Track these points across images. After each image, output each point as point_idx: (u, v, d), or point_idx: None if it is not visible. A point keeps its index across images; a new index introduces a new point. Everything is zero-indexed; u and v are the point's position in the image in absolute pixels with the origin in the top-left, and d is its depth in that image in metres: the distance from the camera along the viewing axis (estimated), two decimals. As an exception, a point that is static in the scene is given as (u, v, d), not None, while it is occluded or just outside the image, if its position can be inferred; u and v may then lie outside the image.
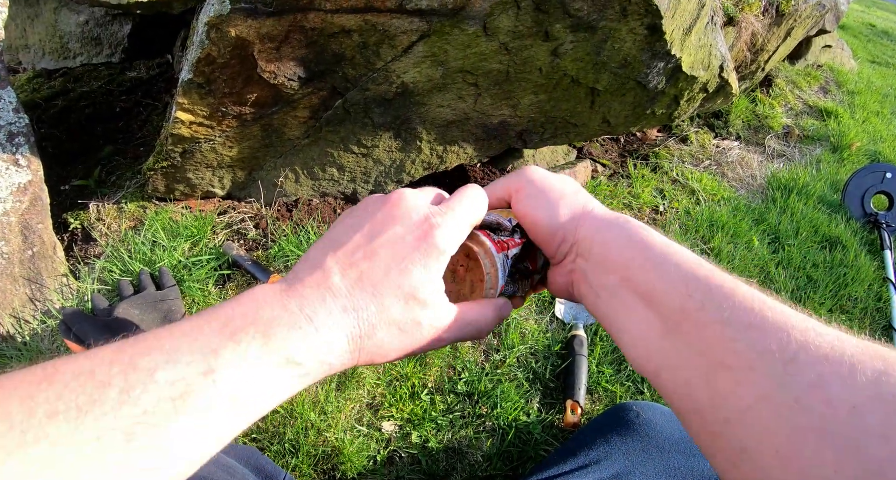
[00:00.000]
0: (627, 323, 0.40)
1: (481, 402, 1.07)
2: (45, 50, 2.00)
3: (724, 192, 1.84)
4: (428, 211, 0.38)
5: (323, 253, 0.37)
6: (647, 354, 0.38)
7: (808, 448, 0.28)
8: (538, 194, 0.45)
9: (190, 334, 0.30)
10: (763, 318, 0.33)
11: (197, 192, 1.29)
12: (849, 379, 0.29)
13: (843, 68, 3.38)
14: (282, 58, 1.01)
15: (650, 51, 1.22)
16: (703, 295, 0.35)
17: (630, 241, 0.40)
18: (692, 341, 0.35)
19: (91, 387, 0.27)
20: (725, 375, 0.33)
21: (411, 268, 0.36)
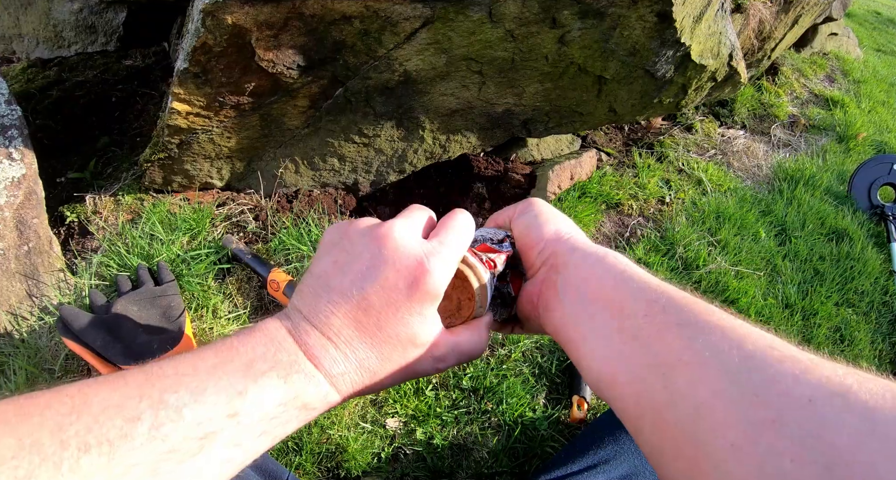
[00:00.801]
0: (590, 331, 0.41)
1: (487, 398, 1.05)
2: (39, 39, 1.97)
3: (730, 183, 1.81)
4: (419, 252, 0.38)
5: (317, 295, 0.38)
6: (606, 361, 0.39)
7: (764, 440, 0.28)
8: (536, 215, 0.49)
9: (214, 374, 0.32)
10: (720, 323, 0.34)
11: (195, 184, 1.26)
12: (807, 375, 0.29)
13: (849, 56, 3.34)
14: (280, 46, 0.98)
15: (659, 39, 1.19)
16: (667, 301, 0.37)
17: (602, 263, 0.43)
18: (651, 343, 0.36)
19: (121, 421, 0.28)
20: (683, 372, 0.33)
21: (408, 319, 0.37)
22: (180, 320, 1.00)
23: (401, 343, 0.38)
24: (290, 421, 0.34)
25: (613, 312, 0.40)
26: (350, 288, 0.37)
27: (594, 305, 0.41)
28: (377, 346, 0.37)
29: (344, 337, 0.36)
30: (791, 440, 0.27)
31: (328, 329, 0.36)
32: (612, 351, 0.39)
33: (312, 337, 0.36)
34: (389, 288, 0.37)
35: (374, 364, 0.37)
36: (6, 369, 0.99)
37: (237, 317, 1.10)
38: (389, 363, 0.38)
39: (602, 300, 0.41)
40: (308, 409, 0.35)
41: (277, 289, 1.07)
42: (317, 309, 0.37)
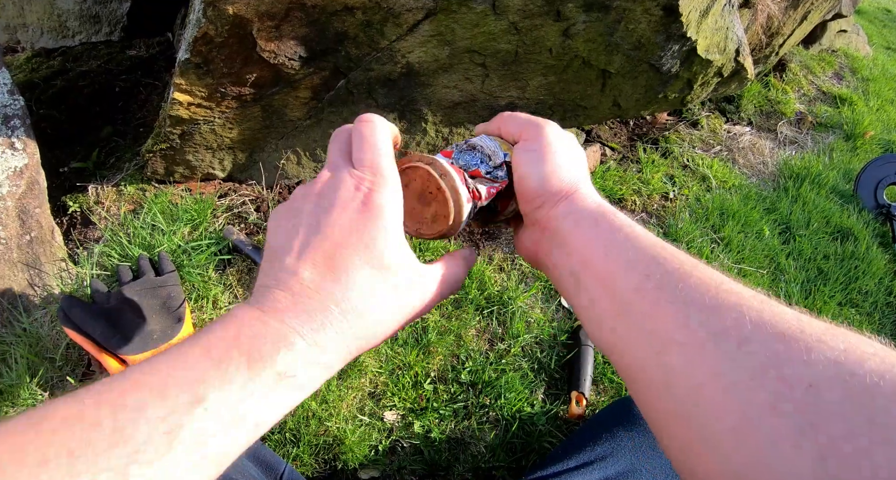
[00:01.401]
0: (583, 302, 0.40)
1: (485, 392, 1.05)
2: (44, 29, 1.97)
3: (735, 179, 1.80)
4: (350, 178, 0.37)
5: (279, 258, 0.35)
6: (601, 333, 0.39)
7: (764, 425, 0.28)
8: (541, 153, 0.44)
9: (175, 365, 0.29)
10: (717, 299, 0.32)
11: (197, 174, 1.26)
12: (806, 358, 0.28)
13: (858, 54, 3.31)
14: (282, 36, 0.97)
15: (665, 33, 1.18)
16: (661, 276, 0.35)
17: (596, 227, 0.41)
18: (644, 320, 0.35)
19: (80, 430, 0.26)
20: (677, 352, 0.32)
21: (368, 239, 0.35)
22: (180, 310, 1.00)
23: (372, 267, 0.35)
24: (272, 400, 0.31)
25: (604, 284, 0.38)
26: (307, 233, 0.35)
27: (585, 275, 0.40)
28: (351, 280, 0.34)
29: (314, 281, 0.34)
30: (789, 427, 0.27)
31: (297, 281, 0.34)
32: (607, 323, 0.38)
33: (282, 297, 0.33)
34: (342, 223, 0.35)
35: (354, 299, 0.34)
36: (7, 358, 0.99)
37: (237, 309, 1.10)
38: (368, 296, 0.35)
39: (592, 270, 0.39)
40: (288, 377, 0.31)
41: (277, 281, 1.06)
42: (281, 268, 0.35)
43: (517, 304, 1.18)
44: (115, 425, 0.26)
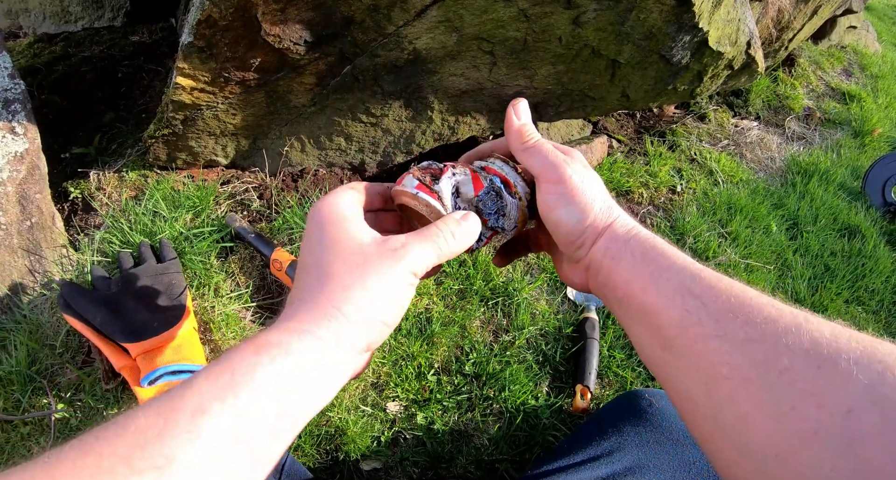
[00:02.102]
0: (632, 332, 0.43)
1: (489, 384, 1.04)
2: (46, 14, 1.96)
3: (742, 174, 1.78)
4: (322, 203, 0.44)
5: (301, 279, 0.43)
6: (651, 362, 0.42)
7: (806, 452, 0.29)
8: (568, 196, 0.45)
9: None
10: (757, 330, 0.34)
11: (199, 161, 1.25)
12: (844, 383, 0.30)
13: (868, 50, 3.28)
14: (287, 20, 0.95)
15: (677, 23, 1.15)
16: (699, 310, 0.37)
17: (633, 259, 0.43)
18: (688, 355, 0.37)
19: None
20: (723, 386, 0.34)
21: (338, 231, 0.41)
22: (181, 298, 0.99)
23: (330, 243, 0.40)
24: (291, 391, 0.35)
25: (647, 319, 0.41)
26: (306, 255, 0.42)
27: (629, 308, 0.42)
28: (321, 262, 0.40)
29: (301, 286, 0.40)
30: (830, 452, 0.28)
31: (293, 294, 0.41)
32: (652, 353, 0.41)
33: (298, 309, 0.39)
34: (307, 238, 0.42)
35: (331, 268, 0.39)
36: (7, 344, 0.98)
37: (239, 296, 1.09)
38: (342, 263, 0.39)
39: (635, 305, 0.42)
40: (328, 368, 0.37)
41: (280, 269, 1.05)
42: (301, 288, 0.41)
43: (522, 296, 1.17)
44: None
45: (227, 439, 0.31)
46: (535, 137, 0.49)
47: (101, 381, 0.95)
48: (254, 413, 0.33)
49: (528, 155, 0.48)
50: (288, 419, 0.35)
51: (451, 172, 0.47)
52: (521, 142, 0.48)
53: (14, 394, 0.94)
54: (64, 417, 0.92)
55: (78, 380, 0.95)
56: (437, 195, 0.46)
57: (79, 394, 0.95)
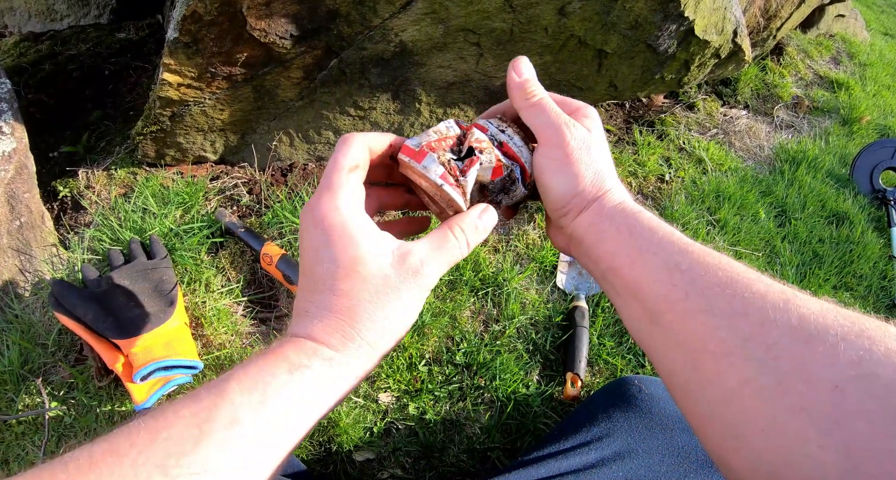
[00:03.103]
0: (618, 305, 0.43)
1: (480, 374, 1.05)
2: (31, 12, 1.94)
3: (731, 162, 1.79)
4: (307, 207, 0.42)
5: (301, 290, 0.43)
6: (638, 336, 0.41)
7: (791, 427, 0.30)
8: (563, 162, 0.44)
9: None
10: (744, 303, 0.34)
11: (188, 157, 1.25)
12: (831, 359, 0.30)
13: (856, 39, 3.29)
14: (272, 14, 0.95)
15: (662, 12, 1.16)
16: (687, 285, 0.37)
17: (618, 233, 0.42)
18: (676, 330, 0.37)
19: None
20: (710, 361, 0.34)
21: (328, 251, 0.40)
22: (172, 294, 0.99)
23: (346, 265, 0.39)
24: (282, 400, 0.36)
25: (633, 292, 0.40)
26: (315, 264, 0.41)
27: (615, 281, 0.42)
28: (329, 281, 0.39)
29: (304, 303, 0.40)
30: (816, 427, 0.29)
31: (298, 307, 0.41)
32: (639, 327, 0.40)
33: (297, 319, 0.41)
34: (309, 240, 0.41)
35: (345, 299, 0.39)
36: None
37: (230, 291, 1.09)
38: (364, 292, 0.39)
39: (620, 278, 0.41)
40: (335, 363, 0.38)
41: (270, 263, 1.06)
42: (297, 300, 0.42)
43: (512, 286, 1.18)
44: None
45: (256, 445, 0.34)
46: (538, 94, 0.46)
47: (94, 379, 0.95)
48: (281, 423, 0.35)
49: (531, 113, 0.46)
50: (308, 427, 0.38)
51: (478, 163, 0.44)
52: (525, 99, 0.46)
53: (7, 393, 0.94)
54: (58, 415, 0.93)
55: (71, 378, 0.96)
56: (463, 189, 0.43)
57: (72, 392, 0.95)
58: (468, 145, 0.44)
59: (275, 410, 0.35)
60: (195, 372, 0.95)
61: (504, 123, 0.47)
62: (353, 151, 0.42)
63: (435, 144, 0.44)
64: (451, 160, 0.43)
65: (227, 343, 1.02)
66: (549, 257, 1.26)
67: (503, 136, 0.46)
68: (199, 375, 0.97)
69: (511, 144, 0.46)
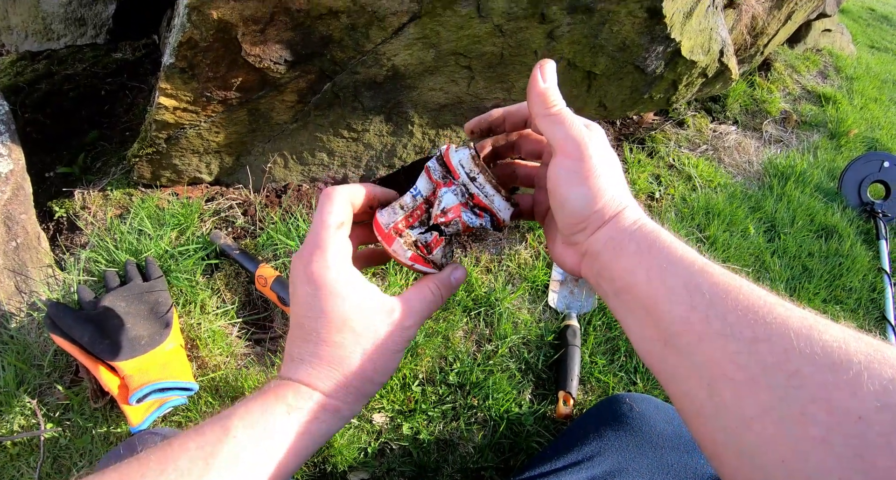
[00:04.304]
0: (629, 324, 0.42)
1: (473, 393, 1.06)
2: (28, 31, 1.95)
3: (720, 178, 1.82)
4: (297, 259, 0.45)
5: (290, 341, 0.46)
6: (649, 357, 0.40)
7: (813, 458, 0.29)
8: (583, 174, 0.42)
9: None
10: (766, 329, 0.33)
11: (184, 179, 1.26)
12: (855, 389, 0.29)
13: (843, 53, 3.35)
14: (267, 41, 0.97)
15: (649, 34, 1.19)
16: (707, 307, 0.35)
17: (637, 250, 0.41)
18: (693, 353, 0.35)
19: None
20: (728, 387, 0.33)
21: (319, 306, 0.43)
22: (168, 316, 1.00)
23: (333, 323, 0.42)
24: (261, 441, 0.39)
25: (649, 312, 0.39)
26: (293, 324, 0.45)
27: (629, 300, 0.41)
28: (323, 334, 0.43)
29: (299, 350, 0.44)
30: (838, 458, 0.28)
31: (292, 353, 0.44)
32: (651, 348, 0.39)
33: (289, 365, 0.44)
34: (300, 293, 0.44)
35: (339, 351, 0.43)
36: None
37: (225, 313, 1.10)
38: (356, 344, 0.43)
39: (636, 297, 0.40)
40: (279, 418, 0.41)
41: (265, 285, 1.07)
42: (288, 348, 0.46)
43: (504, 305, 1.19)
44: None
45: (259, 473, 0.38)
46: (559, 104, 0.45)
47: (90, 400, 0.96)
48: (278, 459, 0.40)
49: (550, 122, 0.44)
50: (301, 461, 0.42)
51: (444, 242, 0.48)
52: (545, 108, 0.45)
53: (2, 415, 0.94)
54: (53, 437, 0.93)
55: (66, 400, 0.96)
56: (432, 263, 0.48)
57: (67, 414, 0.95)
58: (434, 221, 0.47)
59: (273, 447, 0.39)
60: (191, 393, 0.95)
61: (476, 168, 0.47)
62: (337, 209, 0.45)
63: (402, 224, 0.48)
64: (418, 241, 0.47)
65: (222, 364, 1.03)
66: (540, 277, 1.28)
67: (474, 187, 0.47)
68: (195, 397, 0.97)
69: (482, 196, 0.47)
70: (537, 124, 0.46)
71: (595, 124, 0.46)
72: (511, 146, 0.54)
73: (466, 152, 0.48)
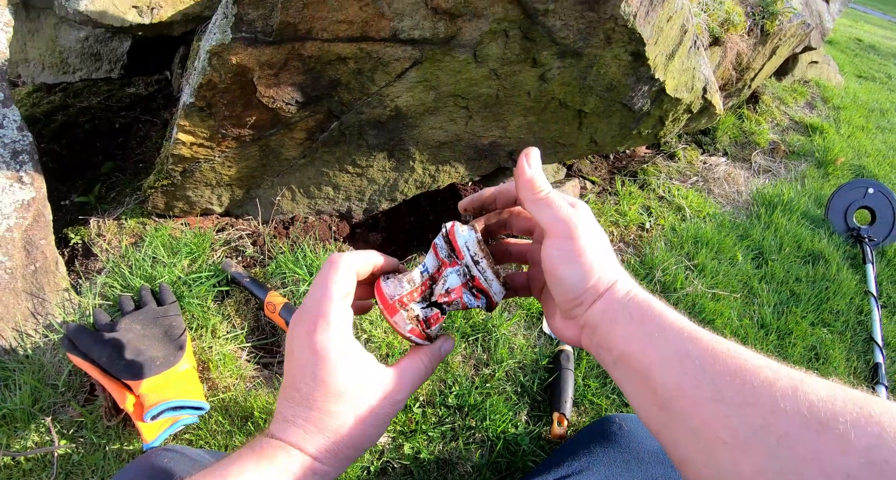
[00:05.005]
0: (629, 392, 0.44)
1: (471, 415, 1.10)
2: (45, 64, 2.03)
3: (709, 208, 1.88)
4: (299, 325, 0.47)
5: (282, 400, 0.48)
6: (650, 422, 0.42)
7: None
8: (575, 253, 0.45)
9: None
10: (754, 393, 0.35)
11: (196, 210, 1.33)
12: (843, 447, 0.31)
13: (830, 83, 3.45)
14: (280, 83, 1.05)
15: (634, 75, 1.27)
16: (697, 373, 0.38)
17: (630, 320, 0.43)
18: (688, 416, 0.37)
19: None
20: (723, 451, 0.35)
21: (321, 374, 0.45)
22: (182, 339, 1.05)
23: (329, 393, 0.44)
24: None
25: (645, 380, 0.41)
26: (288, 385, 0.47)
27: (626, 369, 0.43)
28: (319, 402, 0.45)
29: (293, 413, 0.45)
30: None
31: (285, 414, 0.46)
32: (650, 413, 0.41)
33: (282, 425, 0.46)
34: (301, 358, 0.46)
35: (333, 420, 0.45)
36: (10, 384, 1.03)
37: (235, 337, 1.15)
38: (352, 414, 0.45)
39: (632, 366, 0.42)
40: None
41: (274, 311, 1.12)
42: (280, 407, 0.47)
43: (501, 332, 1.25)
44: None
45: None
46: (545, 189, 0.48)
47: (104, 418, 1.00)
48: None
49: (538, 207, 0.48)
50: None
51: (442, 320, 0.51)
52: (533, 193, 0.48)
53: (17, 431, 0.98)
54: (66, 453, 0.97)
55: (80, 417, 1.00)
56: (428, 338, 0.51)
57: (81, 431, 0.99)
58: (437, 299, 0.51)
59: None
60: (202, 413, 1.00)
61: (481, 252, 0.50)
62: (343, 279, 0.47)
63: (407, 298, 0.50)
64: (419, 316, 0.50)
65: (231, 386, 1.08)
66: (535, 304, 1.34)
67: (476, 270, 0.51)
68: (206, 416, 1.02)
69: (482, 280, 0.51)
70: (527, 209, 0.49)
71: (580, 202, 0.49)
72: (503, 224, 0.58)
73: (473, 236, 0.51)
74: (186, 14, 1.47)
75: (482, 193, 0.56)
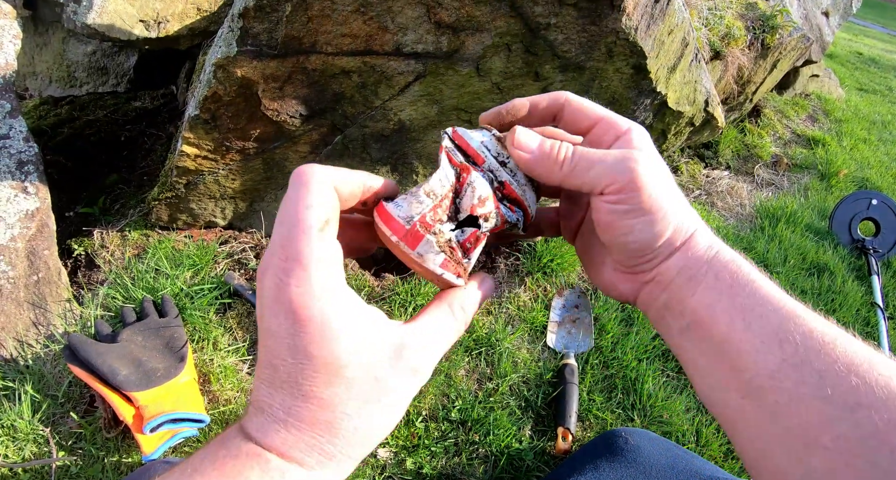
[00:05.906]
0: (699, 364, 0.36)
1: (474, 430, 1.09)
2: (52, 77, 2.05)
3: (713, 222, 1.88)
4: (268, 275, 0.31)
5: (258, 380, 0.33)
6: (720, 408, 0.35)
7: None
8: (647, 202, 0.35)
9: None
10: (869, 392, 0.29)
11: (199, 222, 1.33)
12: None
13: (831, 96, 3.46)
14: (284, 96, 1.06)
15: (636, 88, 1.27)
16: (801, 362, 0.31)
17: (717, 285, 0.35)
18: (781, 414, 0.31)
19: None
20: (821, 456, 0.30)
21: (302, 351, 0.30)
22: (183, 351, 1.05)
23: (330, 368, 0.30)
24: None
25: (728, 357, 0.34)
26: (264, 362, 0.32)
27: (702, 339, 0.35)
28: (306, 387, 0.30)
29: (269, 401, 0.31)
30: None
31: (261, 401, 0.31)
32: (724, 397, 0.34)
33: (258, 418, 0.31)
34: (275, 327, 0.30)
35: (329, 411, 0.31)
36: (11, 394, 1.02)
37: (236, 350, 1.15)
38: (350, 400, 0.31)
39: (712, 338, 0.34)
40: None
41: (276, 323, 1.12)
42: (256, 393, 0.32)
43: (504, 345, 1.24)
44: None
45: None
46: (563, 151, 0.36)
47: (103, 429, 0.99)
48: None
49: (576, 175, 0.36)
50: None
51: (483, 241, 0.36)
52: (559, 166, 0.36)
53: (16, 442, 0.97)
54: (65, 465, 0.96)
55: (79, 429, 1.00)
56: (466, 272, 0.36)
57: (80, 443, 0.99)
58: (470, 212, 0.35)
59: None
60: (202, 425, 0.99)
61: (502, 147, 0.38)
62: (319, 200, 0.31)
63: (430, 218, 0.34)
64: (451, 240, 0.34)
65: (232, 399, 1.07)
66: (539, 318, 1.33)
67: (504, 174, 0.37)
68: (206, 429, 1.01)
69: (514, 185, 0.37)
70: (566, 185, 0.37)
71: (638, 130, 0.38)
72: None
73: (487, 133, 0.38)
74: (193, 28, 1.49)
75: (513, 104, 0.41)
